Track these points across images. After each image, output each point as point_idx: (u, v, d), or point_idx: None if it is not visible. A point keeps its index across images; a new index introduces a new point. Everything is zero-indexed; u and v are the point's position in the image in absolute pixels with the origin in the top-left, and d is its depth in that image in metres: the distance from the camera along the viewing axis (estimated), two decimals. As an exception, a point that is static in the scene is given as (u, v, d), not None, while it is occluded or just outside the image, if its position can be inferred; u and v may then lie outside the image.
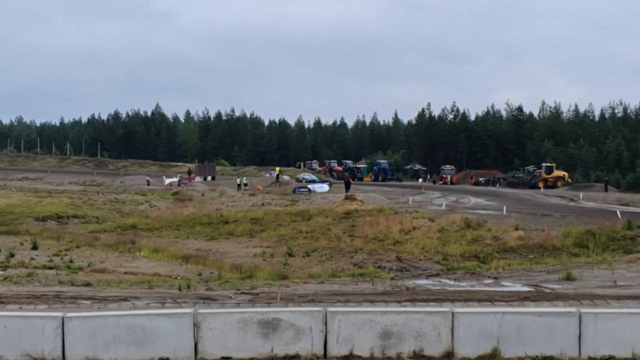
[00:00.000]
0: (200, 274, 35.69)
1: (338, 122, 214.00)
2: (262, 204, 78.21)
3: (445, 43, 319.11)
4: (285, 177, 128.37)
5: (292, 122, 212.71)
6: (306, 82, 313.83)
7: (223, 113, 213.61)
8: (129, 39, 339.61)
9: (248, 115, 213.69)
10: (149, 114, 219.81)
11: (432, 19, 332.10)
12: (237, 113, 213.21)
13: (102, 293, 24.47)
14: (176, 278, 33.25)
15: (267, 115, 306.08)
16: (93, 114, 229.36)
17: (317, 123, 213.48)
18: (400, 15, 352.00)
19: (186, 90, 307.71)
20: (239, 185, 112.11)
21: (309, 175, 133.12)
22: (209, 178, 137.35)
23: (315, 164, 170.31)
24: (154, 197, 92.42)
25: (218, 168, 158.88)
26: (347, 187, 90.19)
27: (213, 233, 56.70)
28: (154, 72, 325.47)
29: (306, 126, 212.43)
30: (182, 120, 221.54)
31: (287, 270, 39.16)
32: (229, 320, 16.24)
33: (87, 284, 28.31)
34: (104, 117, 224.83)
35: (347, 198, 74.02)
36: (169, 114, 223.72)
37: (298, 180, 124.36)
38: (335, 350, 16.10)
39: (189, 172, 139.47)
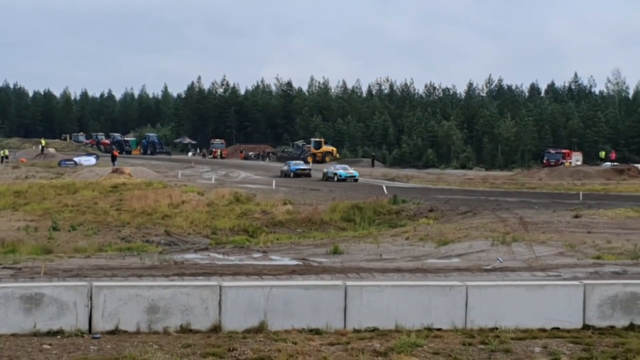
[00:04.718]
0: (-42, 249, 34.38)
1: (106, 94, 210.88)
2: (26, 177, 76.04)
3: (217, 16, 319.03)
4: (51, 150, 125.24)
5: (58, 93, 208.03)
6: (73, 52, 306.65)
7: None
8: None
9: (12, 86, 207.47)
10: None
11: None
12: (0, 84, 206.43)
13: None
14: None
15: (32, 86, 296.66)
16: None
17: (84, 95, 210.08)
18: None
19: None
20: (1, 157, 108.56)
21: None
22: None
23: (82, 137, 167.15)
24: None
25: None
26: (113, 160, 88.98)
27: (-26, 207, 54.67)
28: None
29: (72, 98, 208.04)
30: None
31: (52, 245, 38.41)
32: (-12, 297, 15.63)
33: None
34: None
35: (114, 171, 73.02)
36: None
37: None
38: (100, 325, 15.77)
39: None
